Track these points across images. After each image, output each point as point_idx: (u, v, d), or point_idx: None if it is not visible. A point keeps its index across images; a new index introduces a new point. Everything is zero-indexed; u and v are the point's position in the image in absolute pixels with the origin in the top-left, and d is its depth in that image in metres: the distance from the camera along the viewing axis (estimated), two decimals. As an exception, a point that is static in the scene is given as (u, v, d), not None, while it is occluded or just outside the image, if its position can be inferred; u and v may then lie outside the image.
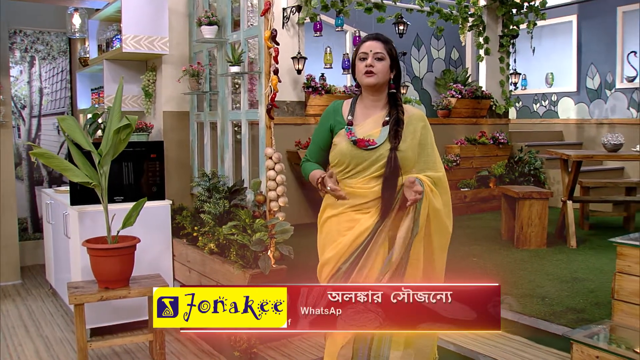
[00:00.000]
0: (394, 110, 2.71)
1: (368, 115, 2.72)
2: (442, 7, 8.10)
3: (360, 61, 2.69)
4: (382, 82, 2.68)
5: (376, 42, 2.68)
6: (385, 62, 2.66)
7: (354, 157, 2.65)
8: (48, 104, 7.42)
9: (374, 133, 2.66)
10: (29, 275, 6.38)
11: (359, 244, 2.60)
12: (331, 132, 2.76)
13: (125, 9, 4.41)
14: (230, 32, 4.26)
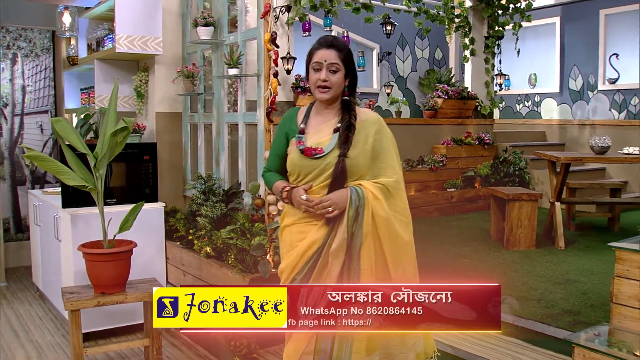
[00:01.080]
0: (346, 116, 2.60)
1: (321, 122, 2.64)
2: (429, 8, 8.12)
3: (314, 72, 2.56)
4: (337, 94, 2.58)
5: (330, 50, 2.55)
6: (340, 74, 2.55)
7: (302, 167, 2.57)
8: (31, 102, 7.31)
9: (323, 141, 2.58)
10: (14, 277, 6.28)
11: (309, 257, 2.52)
12: (287, 140, 2.68)
13: (119, 9, 4.35)
14: (227, 33, 4.22)
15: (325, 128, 2.60)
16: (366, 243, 2.49)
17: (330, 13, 7.05)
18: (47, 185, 7.21)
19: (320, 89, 2.54)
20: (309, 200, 2.49)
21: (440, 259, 5.28)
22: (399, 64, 10.16)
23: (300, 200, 2.53)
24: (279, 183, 2.68)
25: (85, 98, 5.20)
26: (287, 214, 2.67)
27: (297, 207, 2.57)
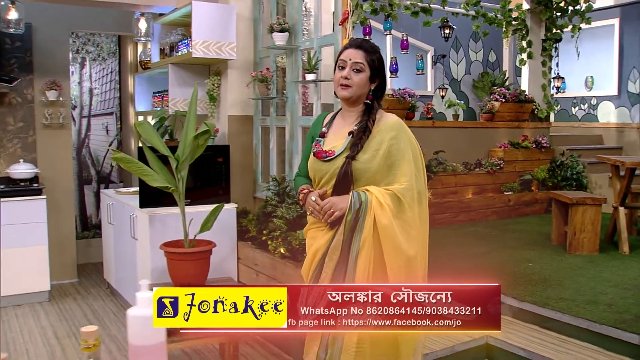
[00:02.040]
0: (365, 119, 2.52)
1: (341, 126, 2.59)
2: (486, 11, 8.12)
3: (338, 70, 2.52)
4: (357, 94, 2.51)
5: (357, 50, 2.49)
6: (363, 74, 2.48)
7: (315, 170, 2.55)
8: (97, 105, 7.55)
9: (338, 144, 2.52)
10: (84, 274, 6.49)
11: (316, 264, 2.49)
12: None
13: (195, 15, 4.49)
14: (301, 39, 4.32)
15: (342, 132, 2.56)
16: (364, 252, 2.39)
17: (390, 17, 7.14)
18: (111, 185, 7.43)
19: (341, 87, 2.49)
20: (317, 202, 2.46)
21: (505, 262, 5.30)
22: (453, 66, 10.16)
23: (309, 202, 2.50)
24: (301, 187, 2.64)
25: (158, 101, 5.36)
26: (308, 218, 2.66)
27: (308, 211, 2.54)
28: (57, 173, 6.01)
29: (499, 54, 10.53)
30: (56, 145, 6.04)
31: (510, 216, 7.62)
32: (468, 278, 4.40)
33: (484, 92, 9.85)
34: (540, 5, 8.30)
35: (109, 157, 7.54)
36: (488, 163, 7.75)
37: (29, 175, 5.52)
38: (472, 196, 7.55)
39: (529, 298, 4.29)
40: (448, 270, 4.98)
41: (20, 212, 5.32)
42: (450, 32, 8.26)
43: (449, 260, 5.34)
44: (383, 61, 2.58)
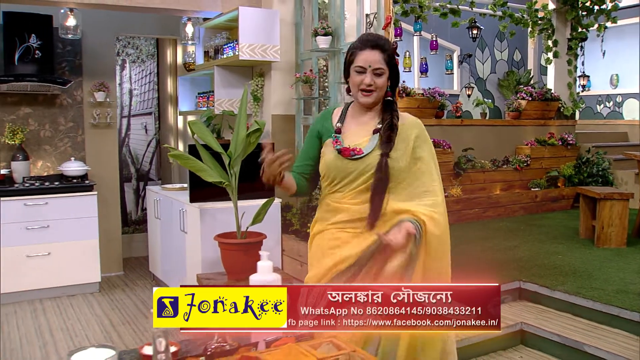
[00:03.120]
0: (388, 116, 2.42)
1: (359, 122, 2.46)
2: (513, 12, 8.31)
3: (356, 74, 2.38)
4: (380, 97, 2.42)
5: (375, 52, 2.36)
6: (384, 76, 2.38)
7: (339, 169, 2.39)
8: (137, 105, 7.83)
9: (362, 142, 2.40)
10: (128, 267, 6.78)
11: (339, 272, 2.34)
12: (319, 140, 2.53)
13: (242, 20, 4.75)
14: (344, 42, 4.56)
15: (364, 129, 2.44)
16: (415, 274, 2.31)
17: (420, 18, 7.36)
18: (150, 183, 7.72)
19: (363, 93, 2.38)
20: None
21: (534, 254, 5.50)
22: (478, 65, 10.35)
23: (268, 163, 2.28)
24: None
25: (204, 101, 5.62)
26: (318, 220, 2.52)
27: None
28: (104, 170, 6.30)
29: (524, 53, 10.69)
30: (103, 144, 6.33)
31: (537, 212, 7.81)
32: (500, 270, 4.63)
33: (509, 90, 10.03)
34: (566, 5, 8.48)
35: (147, 155, 7.83)
36: (515, 160, 7.95)
37: (81, 172, 5.82)
38: (500, 192, 7.75)
39: (560, 287, 4.50)
40: (480, 263, 5.22)
41: (73, 207, 5.62)
42: (478, 32, 8.46)
43: (481, 253, 5.56)
44: (394, 54, 2.48)
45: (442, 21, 7.89)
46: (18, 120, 5.92)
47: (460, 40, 9.65)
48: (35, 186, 5.56)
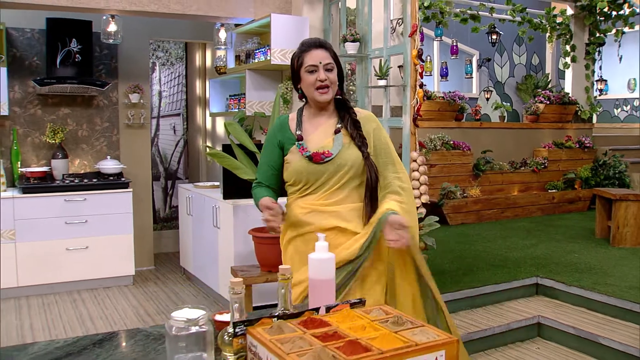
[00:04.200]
0: (346, 115, 2.52)
1: (317, 125, 2.53)
2: (532, 17, 8.51)
3: (309, 74, 2.46)
4: (335, 92, 2.51)
5: (322, 50, 2.48)
6: (334, 72, 2.48)
7: (311, 173, 2.45)
8: (166, 106, 8.12)
9: (326, 144, 2.47)
10: (158, 262, 7.06)
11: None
12: (281, 149, 2.56)
13: (274, 26, 5.00)
14: (371, 48, 4.80)
15: (324, 131, 2.51)
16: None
17: (441, 24, 7.58)
18: (177, 181, 8.01)
19: (320, 90, 2.45)
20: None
21: (551, 252, 5.70)
22: (497, 69, 10.53)
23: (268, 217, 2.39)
24: (265, 199, 2.49)
25: (235, 103, 5.88)
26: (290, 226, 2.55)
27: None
28: (137, 169, 6.59)
29: (542, 57, 10.87)
30: (137, 144, 6.62)
31: (554, 213, 8.00)
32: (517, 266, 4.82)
33: (527, 94, 10.21)
34: (584, 11, 8.66)
35: (176, 155, 8.12)
36: (533, 162, 8.15)
37: (117, 170, 6.11)
38: (518, 193, 7.95)
39: (576, 283, 4.71)
40: (498, 260, 5.44)
41: (110, 203, 5.90)
42: (498, 37, 8.66)
43: (499, 250, 5.77)
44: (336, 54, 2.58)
45: (462, 26, 8.11)
46: (58, 120, 6.23)
47: (480, 45, 9.85)
48: (74, 183, 5.86)
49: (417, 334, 1.40)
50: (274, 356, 1.30)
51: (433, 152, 7.15)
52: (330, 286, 1.68)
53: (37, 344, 1.69)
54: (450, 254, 5.59)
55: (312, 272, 1.71)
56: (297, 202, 2.52)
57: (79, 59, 5.95)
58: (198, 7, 5.21)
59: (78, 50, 5.94)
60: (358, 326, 1.44)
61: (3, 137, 6.05)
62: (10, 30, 5.97)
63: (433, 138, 7.29)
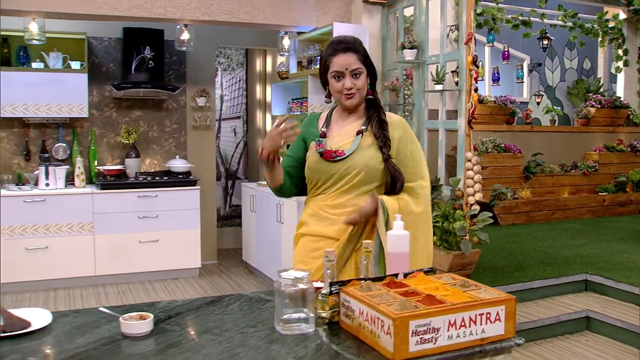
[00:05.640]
0: (374, 114, 2.44)
1: (344, 125, 2.47)
2: (583, 22, 8.65)
3: (335, 80, 2.39)
4: (364, 96, 2.43)
5: (350, 55, 2.37)
6: (363, 76, 2.39)
7: (321, 171, 2.41)
8: (227, 109, 8.53)
9: (345, 143, 2.40)
10: (220, 257, 7.45)
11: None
12: (305, 143, 2.53)
13: (336, 34, 5.31)
14: (428, 54, 5.09)
15: (349, 131, 2.44)
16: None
17: (493, 30, 7.81)
18: (237, 181, 8.41)
19: (346, 96, 2.39)
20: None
21: (601, 252, 5.87)
22: (548, 74, 10.65)
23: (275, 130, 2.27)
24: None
25: (297, 106, 6.23)
26: (303, 223, 2.55)
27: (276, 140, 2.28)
28: (203, 168, 7.00)
29: (594, 61, 10.94)
30: (202, 144, 7.04)
31: (605, 215, 8.12)
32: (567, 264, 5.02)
33: (579, 98, 10.31)
34: (637, 15, 8.75)
35: (236, 156, 8.52)
36: (583, 165, 8.28)
37: (185, 169, 6.53)
38: (568, 196, 8.11)
39: (625, 280, 4.88)
40: (548, 258, 5.64)
41: (179, 200, 6.32)
42: (549, 42, 8.82)
43: (549, 249, 5.97)
44: (367, 51, 2.48)
45: (514, 31, 8.30)
46: (131, 122, 6.69)
47: (531, 50, 10.00)
48: (147, 180, 6.30)
49: (482, 292, 1.70)
50: (366, 307, 1.61)
51: (484, 154, 7.37)
52: (405, 258, 1.99)
53: (160, 302, 2.04)
54: (501, 252, 5.82)
55: (390, 246, 2.02)
56: (309, 202, 2.53)
57: (151, 65, 6.39)
58: (265, 17, 5.58)
59: (151, 57, 6.38)
60: (432, 287, 1.75)
61: (82, 137, 6.53)
62: (91, 40, 6.46)
63: (485, 141, 7.51)
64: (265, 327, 1.79)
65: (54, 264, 5.91)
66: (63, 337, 1.72)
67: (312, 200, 2.50)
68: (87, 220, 6.00)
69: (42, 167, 6.04)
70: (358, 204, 2.35)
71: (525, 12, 8.24)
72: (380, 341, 1.55)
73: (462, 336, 1.59)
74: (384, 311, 1.53)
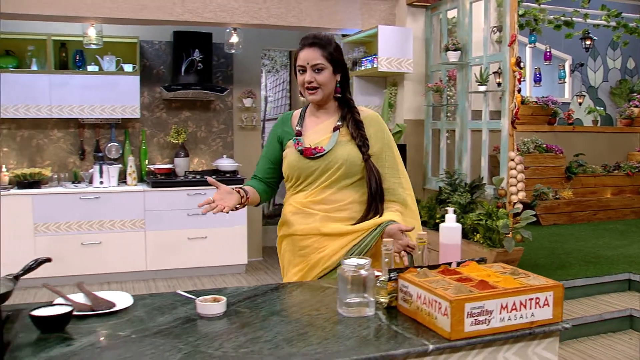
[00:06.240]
0: (348, 114, 2.49)
1: (318, 122, 2.52)
2: (627, 22, 8.61)
3: (299, 74, 2.45)
4: (327, 93, 2.46)
5: (313, 49, 2.41)
6: (326, 72, 2.42)
7: (302, 169, 2.45)
8: (271, 110, 8.73)
9: (323, 140, 2.46)
10: (265, 254, 7.65)
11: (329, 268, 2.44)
12: (280, 144, 2.57)
13: (381, 37, 5.47)
14: (471, 56, 5.20)
15: (324, 128, 2.49)
16: None
17: (535, 31, 7.84)
18: (281, 180, 8.60)
19: (308, 91, 2.45)
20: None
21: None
22: (590, 74, 10.61)
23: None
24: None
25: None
26: (284, 223, 2.57)
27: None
28: (249, 167, 7.19)
29: (638, 60, 10.86)
30: (248, 144, 7.24)
31: (649, 216, 8.10)
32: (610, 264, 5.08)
33: (622, 98, 10.25)
34: (682, 15, 8.68)
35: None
36: (627, 166, 8.26)
37: (232, 168, 6.74)
38: (611, 196, 8.10)
39: (670, 278, 4.93)
40: (590, 257, 5.69)
41: (227, 198, 6.51)
42: (591, 43, 8.81)
43: (592, 249, 6.01)
44: (341, 50, 2.51)
45: (555, 32, 8.31)
46: (180, 122, 6.92)
47: (573, 50, 9.98)
48: (195, 179, 6.51)
49: (531, 280, 1.83)
50: (424, 291, 1.75)
51: (526, 154, 7.43)
52: (457, 249, 2.13)
53: (227, 288, 2.21)
54: (543, 251, 5.88)
55: (442, 238, 2.16)
56: (289, 200, 2.55)
57: (200, 67, 6.61)
58: (311, 20, 5.75)
59: (200, 60, 6.60)
60: (484, 274, 1.88)
61: (133, 137, 6.79)
62: (142, 43, 6.71)
63: (526, 141, 7.56)
64: (329, 310, 1.94)
65: (107, 259, 6.17)
66: (145, 316, 1.89)
67: (292, 198, 2.53)
68: (138, 217, 6.24)
69: (96, 165, 6.30)
70: (340, 198, 2.44)
71: (567, 13, 8.25)
72: (438, 322, 1.69)
73: (513, 319, 1.72)
74: (441, 294, 1.67)
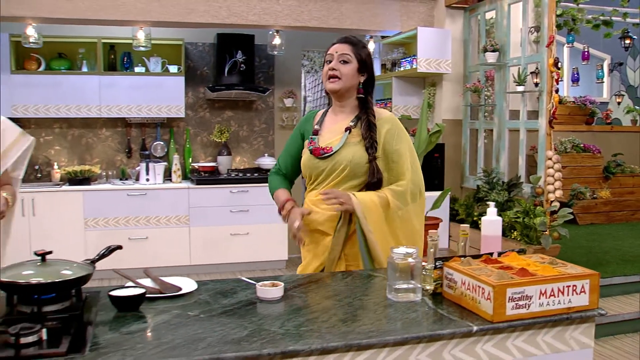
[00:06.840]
0: (364, 115, 2.51)
1: (335, 122, 2.57)
2: (667, 21, 8.58)
3: (326, 64, 2.54)
4: (347, 86, 2.50)
5: (344, 44, 2.51)
6: (351, 65, 2.48)
7: (312, 168, 2.53)
8: (309, 110, 8.90)
9: (334, 140, 2.50)
10: (302, 250, 7.81)
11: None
12: (302, 140, 2.66)
13: (420, 38, 5.60)
14: (509, 57, 5.29)
15: (338, 128, 2.53)
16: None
17: (573, 30, 7.87)
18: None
19: (329, 80, 2.50)
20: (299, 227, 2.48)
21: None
22: (629, 73, 10.56)
23: (292, 226, 2.49)
24: (281, 193, 2.68)
25: (382, 107, 6.55)
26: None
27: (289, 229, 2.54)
28: (289, 166, 7.37)
29: (678, 60, 10.77)
30: (288, 143, 7.41)
31: (686, 214, 8.06)
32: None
33: (662, 98, 10.20)
34: None
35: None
36: (665, 166, 8.24)
37: (273, 166, 6.92)
38: (649, 196, 8.08)
39: None
40: (628, 256, 5.73)
41: (268, 195, 6.68)
42: (631, 42, 8.79)
43: (630, 248, 6.05)
44: (371, 56, 2.59)
45: (594, 31, 8.32)
46: (222, 122, 7.14)
47: (611, 49, 9.95)
48: (238, 177, 6.72)
49: (569, 269, 1.96)
50: (468, 278, 1.89)
51: (563, 154, 7.47)
52: (498, 240, 2.27)
53: (282, 276, 2.37)
54: (580, 249, 5.94)
55: (484, 230, 2.31)
56: (306, 196, 2.65)
57: (243, 68, 6.80)
58: (352, 22, 5.91)
59: (242, 61, 6.80)
60: (524, 264, 2.01)
61: (178, 136, 7.02)
62: (187, 45, 6.94)
63: (563, 141, 7.60)
64: (378, 296, 2.09)
65: (153, 253, 6.40)
66: (210, 299, 2.07)
67: (307, 195, 2.63)
68: (183, 213, 6.46)
69: (143, 163, 6.54)
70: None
71: (606, 12, 8.25)
72: (481, 306, 1.83)
73: (551, 304, 1.85)
74: (485, 280, 1.81)
